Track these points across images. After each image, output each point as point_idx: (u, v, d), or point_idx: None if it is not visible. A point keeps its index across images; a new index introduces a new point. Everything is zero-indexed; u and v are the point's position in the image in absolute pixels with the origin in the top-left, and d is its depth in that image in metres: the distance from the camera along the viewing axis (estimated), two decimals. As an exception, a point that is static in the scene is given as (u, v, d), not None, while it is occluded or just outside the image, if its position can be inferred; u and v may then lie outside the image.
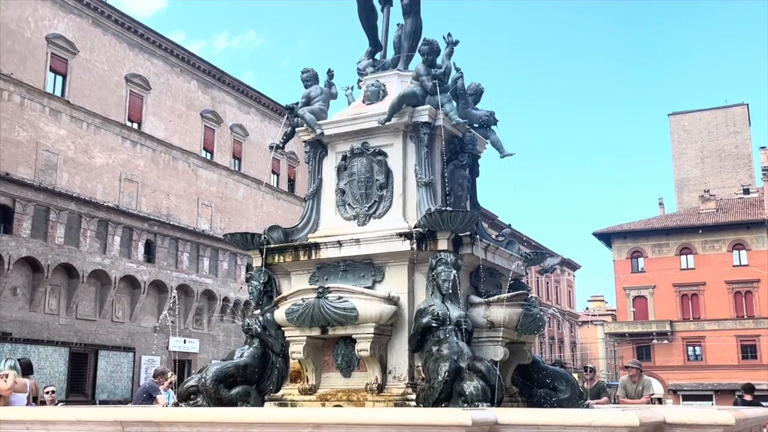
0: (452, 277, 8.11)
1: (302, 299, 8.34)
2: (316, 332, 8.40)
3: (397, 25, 10.81)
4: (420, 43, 9.86)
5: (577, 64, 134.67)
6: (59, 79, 34.32)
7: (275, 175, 48.13)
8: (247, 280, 9.65)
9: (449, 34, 10.41)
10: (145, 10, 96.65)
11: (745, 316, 58.31)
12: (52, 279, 32.28)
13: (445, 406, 7.41)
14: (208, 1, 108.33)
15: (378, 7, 10.89)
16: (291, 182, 49.46)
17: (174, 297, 37.72)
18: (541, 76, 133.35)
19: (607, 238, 64.27)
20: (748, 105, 72.87)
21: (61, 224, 32.68)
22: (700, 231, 59.98)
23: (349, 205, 9.54)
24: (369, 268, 8.79)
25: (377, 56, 10.81)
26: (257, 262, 9.57)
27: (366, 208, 9.37)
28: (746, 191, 66.58)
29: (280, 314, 8.61)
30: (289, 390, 8.82)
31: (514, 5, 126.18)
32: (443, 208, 8.48)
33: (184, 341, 38.92)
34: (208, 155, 42.88)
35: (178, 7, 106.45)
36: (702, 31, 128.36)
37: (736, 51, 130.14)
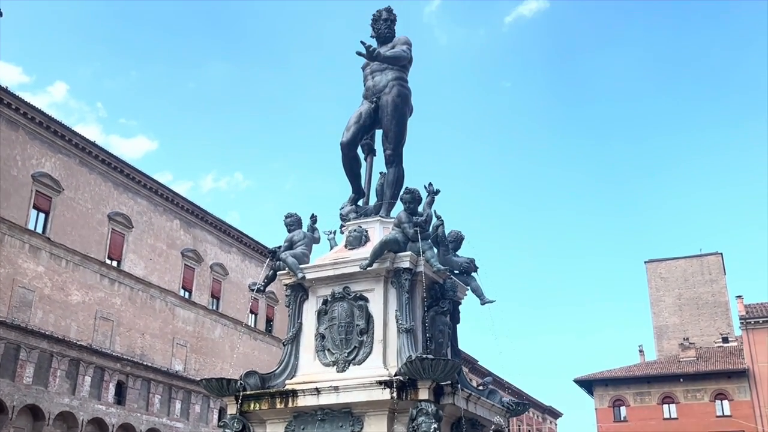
0: (433, 429, 7.91)
1: (277, 450, 8.05)
2: (290, 486, 8.05)
3: (380, 173, 11.24)
4: (402, 192, 10.22)
5: (555, 211, 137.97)
6: (42, 216, 34.47)
7: (253, 315, 47.65)
8: (221, 427, 9.35)
9: (430, 184, 10.85)
10: (136, 151, 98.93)
11: (732, 470, 56.65)
12: (16, 421, 31.00)
13: None
14: (197, 144, 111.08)
15: (362, 156, 11.32)
16: (269, 322, 48.92)
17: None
18: (521, 225, 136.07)
19: (588, 385, 63.32)
20: (722, 254, 74.17)
21: (31, 363, 31.80)
22: (682, 380, 59.31)
23: (328, 350, 9.44)
24: (347, 417, 8.58)
25: (360, 202, 11.14)
26: (232, 409, 9.33)
27: (346, 354, 9.27)
28: (725, 340, 66.53)
29: (253, 466, 8.28)
30: None
31: (494, 156, 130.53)
32: (424, 356, 8.37)
33: (150, 490, 36.99)
34: (187, 294, 42.55)
35: (168, 149, 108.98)
36: (676, 180, 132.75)
37: (709, 200, 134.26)
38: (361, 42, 10.44)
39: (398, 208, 10.33)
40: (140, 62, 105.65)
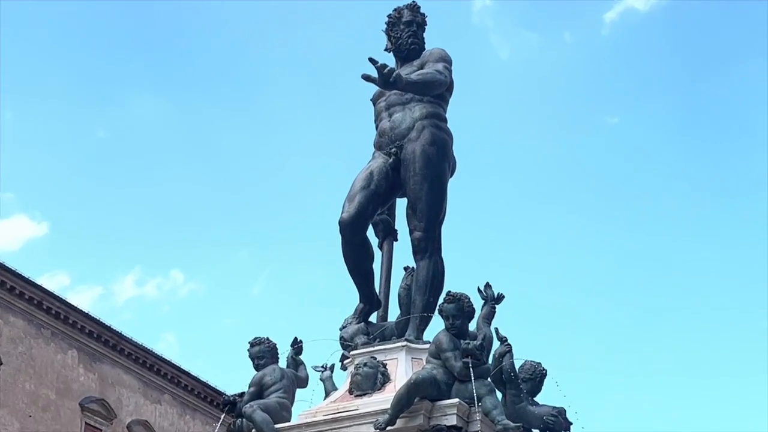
0: None
1: None
2: None
3: (404, 269, 9.73)
4: (442, 300, 8.64)
5: (689, 309, 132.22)
6: None
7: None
8: None
9: (488, 285, 9.10)
10: (12, 240, 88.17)
11: None
12: None
13: None
14: (110, 228, 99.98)
15: (374, 241, 9.90)
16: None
17: None
18: (638, 336, 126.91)
19: None
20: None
21: None
22: None
23: None
24: None
25: (373, 317, 9.58)
26: None
27: None
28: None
29: None
30: None
31: (588, 230, 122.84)
32: None
33: None
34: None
35: (62, 236, 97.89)
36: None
37: None
38: (370, 60, 8.83)
39: (436, 326, 8.76)
40: (18, 99, 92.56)
